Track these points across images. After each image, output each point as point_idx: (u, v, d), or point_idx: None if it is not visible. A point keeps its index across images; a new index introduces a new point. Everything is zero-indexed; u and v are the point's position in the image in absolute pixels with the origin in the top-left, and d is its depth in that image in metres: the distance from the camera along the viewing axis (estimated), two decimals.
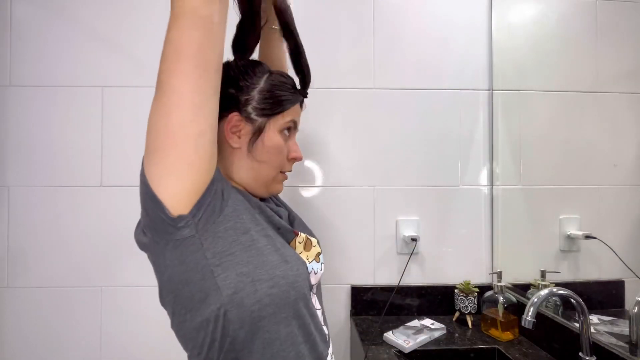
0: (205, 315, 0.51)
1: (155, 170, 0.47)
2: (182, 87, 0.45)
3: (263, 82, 0.61)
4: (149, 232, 0.51)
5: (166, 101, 0.45)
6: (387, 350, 0.97)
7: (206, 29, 0.47)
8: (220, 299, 0.50)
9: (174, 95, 0.45)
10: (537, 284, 1.01)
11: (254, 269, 0.52)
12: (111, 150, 1.17)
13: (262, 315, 0.52)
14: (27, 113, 1.16)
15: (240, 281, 0.50)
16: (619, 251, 0.83)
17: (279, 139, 0.63)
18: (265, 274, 0.52)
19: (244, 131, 0.61)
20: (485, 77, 1.25)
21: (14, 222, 1.16)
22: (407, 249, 1.20)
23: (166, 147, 0.46)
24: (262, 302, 0.51)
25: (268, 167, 0.63)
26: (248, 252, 0.52)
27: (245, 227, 0.53)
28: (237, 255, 0.51)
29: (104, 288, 1.16)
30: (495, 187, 1.23)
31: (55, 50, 1.17)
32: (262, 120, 0.61)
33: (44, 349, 1.15)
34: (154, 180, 0.47)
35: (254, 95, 0.60)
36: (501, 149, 1.22)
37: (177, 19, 0.47)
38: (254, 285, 0.51)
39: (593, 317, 0.84)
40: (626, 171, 0.87)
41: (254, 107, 0.60)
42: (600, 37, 0.94)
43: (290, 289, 0.54)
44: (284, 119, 0.63)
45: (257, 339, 0.52)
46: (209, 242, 0.49)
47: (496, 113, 1.23)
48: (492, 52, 1.24)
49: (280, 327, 0.54)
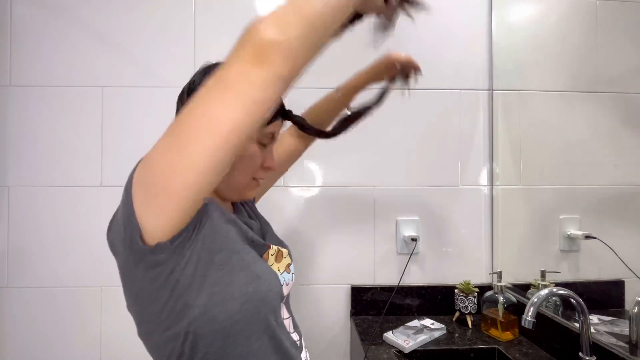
0: (175, 330, 0.50)
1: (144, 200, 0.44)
2: (201, 159, 0.41)
3: None
4: (121, 245, 0.49)
5: (179, 160, 0.41)
6: (387, 350, 0.97)
7: (251, 113, 0.40)
8: (190, 317, 0.49)
9: (189, 160, 0.41)
10: (537, 284, 1.01)
11: (225, 287, 0.51)
12: (111, 150, 1.17)
13: (234, 332, 0.52)
14: (27, 113, 1.16)
15: (211, 300, 0.50)
16: (619, 251, 0.83)
17: (255, 148, 0.61)
18: (237, 291, 0.51)
19: None
20: (485, 77, 1.25)
21: (14, 222, 1.16)
22: (407, 249, 1.20)
23: (163, 193, 0.43)
24: (233, 319, 0.51)
25: (240, 174, 0.61)
26: (220, 272, 0.51)
27: (218, 246, 0.52)
28: (209, 276, 0.50)
29: (104, 288, 1.16)
30: (495, 187, 1.23)
31: (55, 50, 1.17)
32: None
33: (43, 349, 1.15)
34: (140, 207, 0.44)
35: None
36: (501, 149, 1.22)
37: (226, 89, 0.40)
38: (225, 304, 0.50)
39: (593, 317, 0.84)
40: (626, 171, 0.87)
41: None
42: (600, 37, 0.94)
43: (261, 304, 0.54)
44: (261, 132, 0.61)
45: (229, 353, 0.52)
46: (182, 265, 0.48)
47: (496, 113, 1.23)
48: (492, 52, 1.24)
49: (252, 341, 0.54)
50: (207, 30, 1.20)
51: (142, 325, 0.54)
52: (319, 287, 1.19)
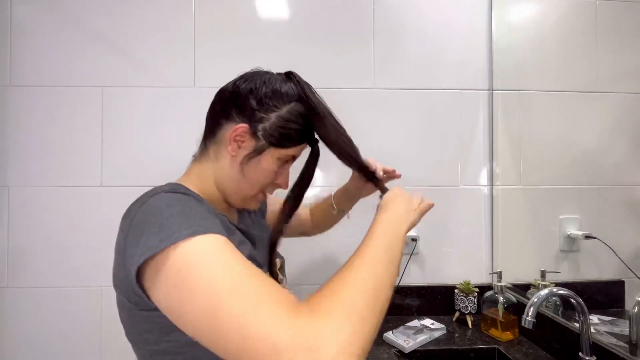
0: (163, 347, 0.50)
1: (160, 293, 0.43)
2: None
3: (285, 110, 0.59)
4: (121, 292, 0.51)
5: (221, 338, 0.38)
6: (387, 350, 0.97)
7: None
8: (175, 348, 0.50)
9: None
10: (537, 284, 1.01)
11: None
12: (111, 150, 1.17)
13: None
14: (27, 113, 1.16)
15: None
16: (619, 251, 0.83)
17: (274, 165, 0.62)
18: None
19: (246, 144, 0.59)
20: (485, 77, 1.25)
21: (14, 222, 1.16)
22: (407, 249, 1.20)
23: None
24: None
25: (251, 185, 0.62)
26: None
27: None
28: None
29: (104, 288, 1.16)
30: (495, 187, 1.23)
31: (55, 50, 1.17)
32: (265, 144, 0.59)
33: (44, 349, 1.15)
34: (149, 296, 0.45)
35: (270, 117, 0.59)
36: (501, 149, 1.22)
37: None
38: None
39: (593, 317, 0.84)
40: (626, 171, 0.87)
41: (265, 127, 0.58)
42: (600, 37, 0.94)
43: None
44: (287, 152, 0.62)
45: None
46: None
47: (496, 113, 1.23)
48: (492, 52, 1.24)
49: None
50: (207, 30, 1.20)
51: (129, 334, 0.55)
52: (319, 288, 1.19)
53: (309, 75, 1.34)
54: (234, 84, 0.61)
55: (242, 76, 0.62)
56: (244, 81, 0.61)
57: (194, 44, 1.19)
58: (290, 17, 1.21)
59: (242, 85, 0.60)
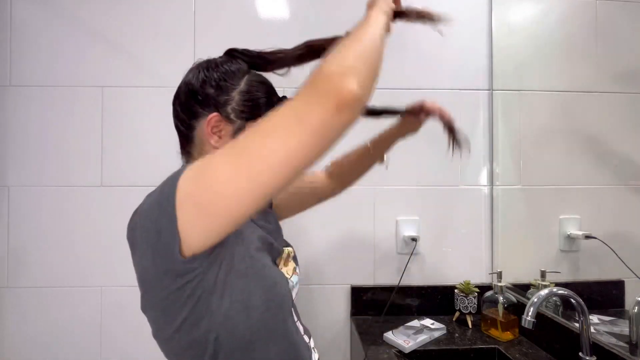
0: (195, 337, 0.51)
1: (193, 218, 0.45)
2: (265, 185, 0.43)
3: (243, 84, 0.61)
4: (149, 250, 0.49)
5: (248, 186, 0.43)
6: (387, 350, 0.97)
7: (325, 150, 0.43)
8: (212, 324, 0.50)
9: (254, 185, 0.43)
10: (537, 284, 1.01)
11: (248, 296, 0.52)
12: (111, 150, 1.17)
13: (254, 339, 0.53)
14: (27, 113, 1.16)
15: (233, 308, 0.51)
16: (619, 251, 0.83)
17: None
18: (257, 299, 0.52)
19: (224, 131, 0.60)
20: (485, 77, 1.25)
21: (14, 222, 1.16)
22: (407, 249, 1.20)
23: (221, 216, 0.45)
24: (253, 327, 0.52)
25: None
26: (243, 280, 0.52)
27: (241, 255, 0.53)
28: (232, 284, 0.51)
29: (104, 288, 1.16)
30: (495, 187, 1.23)
31: (55, 50, 1.17)
32: (241, 122, 0.61)
33: (44, 348, 1.15)
34: (187, 223, 0.45)
35: (233, 96, 0.60)
36: (501, 149, 1.22)
37: (307, 130, 0.42)
38: (247, 311, 0.51)
39: (593, 317, 0.84)
40: (626, 171, 0.87)
41: (233, 108, 0.60)
42: (600, 37, 0.94)
43: (279, 311, 0.55)
44: None
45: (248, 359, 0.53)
46: (209, 273, 0.49)
47: (496, 113, 1.23)
48: (492, 52, 1.24)
49: (270, 345, 0.55)
50: (207, 30, 1.20)
51: (160, 331, 0.54)
52: (319, 287, 1.19)
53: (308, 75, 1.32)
54: (185, 84, 0.62)
55: (187, 74, 0.63)
56: (192, 76, 0.62)
57: (194, 44, 1.19)
58: (290, 17, 1.21)
59: (193, 80, 0.61)
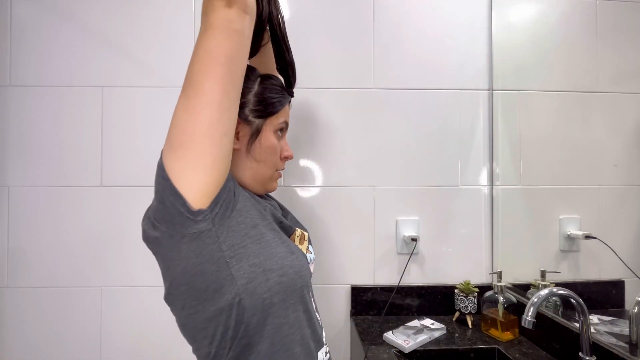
0: (220, 305, 0.54)
1: (177, 165, 0.50)
2: (213, 91, 0.50)
3: (257, 86, 0.66)
4: (163, 225, 0.52)
5: (197, 102, 0.50)
6: (387, 350, 0.97)
7: (238, 41, 0.53)
8: (235, 289, 0.53)
9: (205, 97, 0.50)
10: (537, 284, 1.01)
11: (264, 259, 0.56)
12: (111, 150, 1.17)
13: (273, 302, 0.56)
14: (27, 113, 1.16)
15: (252, 271, 0.54)
16: (619, 251, 0.83)
17: (274, 139, 0.68)
18: (275, 264, 0.56)
19: (242, 133, 0.65)
20: (485, 77, 1.25)
21: (14, 222, 1.16)
22: (407, 249, 1.20)
23: (192, 144, 0.49)
24: (272, 290, 0.56)
25: (265, 166, 0.68)
26: (258, 245, 0.56)
27: (254, 221, 0.57)
28: (248, 247, 0.55)
29: (104, 288, 1.16)
30: (495, 187, 1.23)
31: (55, 50, 1.17)
32: (258, 121, 0.65)
33: (44, 349, 1.15)
34: (175, 174, 0.49)
35: (249, 99, 0.65)
36: (501, 149, 1.22)
37: (213, 30, 0.51)
38: (265, 274, 0.55)
39: (593, 317, 0.84)
40: (626, 171, 0.87)
41: (251, 109, 0.65)
42: (600, 37, 0.94)
43: (297, 277, 0.59)
44: (277, 119, 0.68)
45: (268, 324, 0.57)
46: (224, 236, 0.53)
47: (496, 113, 1.23)
48: (492, 52, 1.24)
49: (289, 312, 0.58)
50: None
51: (185, 308, 0.56)
52: (319, 287, 1.19)
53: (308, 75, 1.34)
54: None
55: None
56: None
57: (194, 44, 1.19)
58: (290, 17, 1.21)
59: None
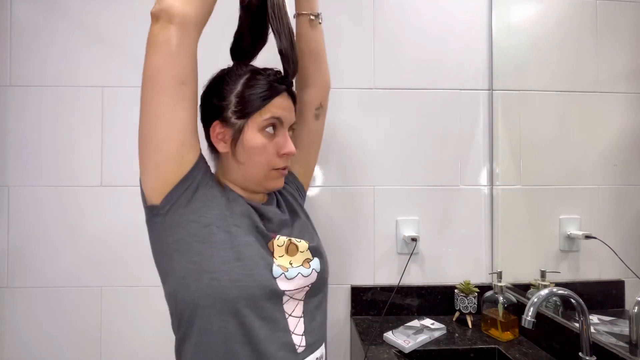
0: (167, 290, 0.61)
1: (140, 165, 0.58)
2: (146, 101, 0.57)
3: (240, 86, 0.64)
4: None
5: (140, 111, 0.58)
6: (387, 350, 0.97)
7: (164, 52, 0.54)
8: (174, 280, 0.58)
9: (142, 106, 0.58)
10: (537, 284, 1.01)
11: (203, 259, 0.56)
12: (111, 150, 1.17)
13: (201, 304, 0.56)
14: (27, 113, 1.16)
15: (188, 268, 0.57)
16: (619, 251, 0.83)
17: (260, 138, 0.63)
18: (210, 266, 0.56)
19: (227, 136, 0.64)
20: (485, 77, 1.25)
21: (14, 222, 1.16)
22: (407, 249, 1.20)
23: (140, 148, 0.58)
24: (202, 292, 0.56)
25: (253, 167, 0.64)
26: (203, 244, 0.57)
27: (207, 221, 0.58)
28: (192, 245, 0.57)
29: (104, 288, 1.16)
30: (495, 187, 1.23)
31: (55, 50, 1.17)
32: (239, 122, 0.63)
33: (43, 349, 1.15)
34: (140, 174, 0.59)
35: (231, 100, 0.63)
36: (501, 149, 1.22)
37: (146, 46, 0.55)
38: (199, 274, 0.56)
39: (593, 317, 0.84)
40: (626, 171, 0.87)
41: (232, 111, 0.63)
42: (600, 37, 0.94)
43: (231, 286, 0.56)
44: (261, 117, 0.63)
45: (195, 323, 0.58)
46: (172, 230, 0.57)
47: (496, 113, 1.23)
48: (492, 52, 1.24)
49: (213, 319, 0.57)
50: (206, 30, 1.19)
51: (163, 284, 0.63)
52: None
53: None
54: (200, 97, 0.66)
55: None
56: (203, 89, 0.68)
57: None
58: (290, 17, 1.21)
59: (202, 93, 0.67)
